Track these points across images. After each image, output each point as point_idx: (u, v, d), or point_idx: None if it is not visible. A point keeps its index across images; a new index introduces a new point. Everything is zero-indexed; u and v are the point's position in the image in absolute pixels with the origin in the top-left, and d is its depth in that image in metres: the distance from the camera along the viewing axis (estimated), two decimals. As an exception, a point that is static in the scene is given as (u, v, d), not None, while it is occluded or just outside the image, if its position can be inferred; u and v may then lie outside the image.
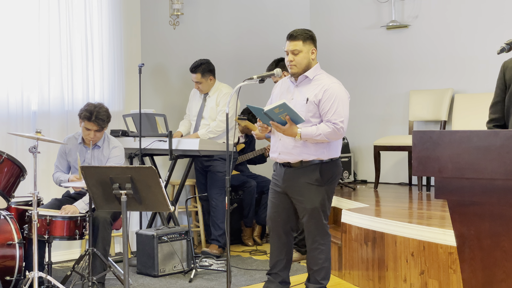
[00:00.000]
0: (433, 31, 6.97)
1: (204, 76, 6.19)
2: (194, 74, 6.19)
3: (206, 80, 6.20)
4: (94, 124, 5.02)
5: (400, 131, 7.21)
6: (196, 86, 6.26)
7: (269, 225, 4.58)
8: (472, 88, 6.65)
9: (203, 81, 6.20)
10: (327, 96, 4.25)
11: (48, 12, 5.92)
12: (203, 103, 6.28)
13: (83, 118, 5.04)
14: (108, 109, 5.14)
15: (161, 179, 3.98)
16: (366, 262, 4.89)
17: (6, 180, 4.70)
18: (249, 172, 6.97)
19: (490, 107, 3.38)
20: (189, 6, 7.01)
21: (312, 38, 4.36)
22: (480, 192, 2.34)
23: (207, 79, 6.21)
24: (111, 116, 5.17)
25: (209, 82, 6.23)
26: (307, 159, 4.30)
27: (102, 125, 5.05)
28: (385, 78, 7.42)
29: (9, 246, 4.64)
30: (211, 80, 6.23)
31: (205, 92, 6.27)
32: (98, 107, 5.07)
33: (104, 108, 5.11)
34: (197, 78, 6.19)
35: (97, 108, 5.04)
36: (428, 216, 5.19)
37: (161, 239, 5.43)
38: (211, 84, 6.25)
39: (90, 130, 5.04)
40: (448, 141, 2.35)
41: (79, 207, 4.88)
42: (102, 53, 6.29)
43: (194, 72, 6.19)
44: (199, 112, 6.29)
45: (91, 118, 5.00)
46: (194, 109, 6.37)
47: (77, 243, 6.06)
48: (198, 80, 6.19)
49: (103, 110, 5.07)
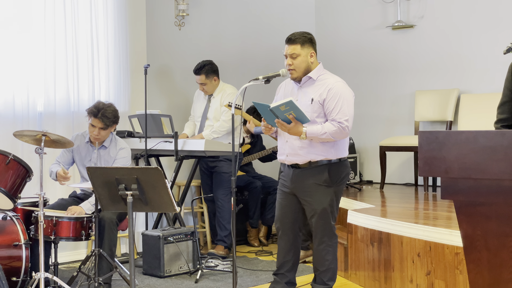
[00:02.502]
0: (439, 31, 6.96)
1: (208, 77, 6.18)
2: (198, 76, 6.18)
3: (211, 81, 6.20)
4: (99, 121, 5.04)
5: (406, 132, 7.19)
6: (201, 87, 6.25)
7: (277, 226, 4.57)
8: (478, 88, 6.63)
9: (208, 82, 6.19)
10: (332, 95, 4.24)
11: (54, 14, 5.93)
12: (208, 104, 6.28)
13: (89, 113, 5.08)
14: (117, 110, 5.15)
15: (166, 180, 3.98)
16: (372, 262, 4.88)
17: (13, 181, 4.71)
18: (254, 173, 6.96)
19: (498, 107, 3.37)
20: (195, 7, 7.01)
21: (311, 41, 4.33)
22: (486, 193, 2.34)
23: (212, 80, 6.20)
24: (119, 117, 5.18)
25: (213, 83, 6.22)
26: (315, 159, 4.29)
27: (107, 123, 5.06)
28: (391, 78, 7.41)
29: (15, 247, 4.65)
30: (215, 80, 6.23)
31: (210, 93, 6.27)
32: (107, 105, 5.11)
33: (113, 107, 5.13)
34: (202, 79, 6.18)
35: (105, 106, 5.09)
36: (434, 217, 5.18)
37: (167, 240, 5.43)
38: (216, 85, 6.25)
39: (95, 127, 5.06)
40: (454, 142, 2.34)
41: (85, 208, 4.89)
42: (108, 54, 6.30)
43: (198, 73, 6.18)
44: (203, 113, 6.28)
45: (98, 114, 5.02)
46: (198, 110, 6.37)
47: (83, 244, 6.07)
48: (203, 81, 6.19)
49: (111, 109, 5.09)
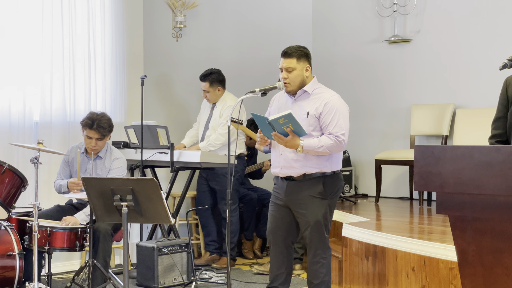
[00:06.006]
0: (435, 46, 6.98)
1: (212, 86, 6.21)
2: (203, 82, 6.22)
3: (214, 90, 6.22)
4: (95, 132, 5.02)
5: (402, 146, 7.20)
6: (204, 94, 6.28)
7: (269, 239, 4.56)
8: (473, 103, 6.65)
9: (211, 91, 6.22)
10: (328, 109, 4.25)
11: (51, 23, 5.94)
12: (210, 113, 6.30)
13: (84, 125, 5.05)
14: (110, 118, 5.15)
15: (162, 191, 3.98)
16: (366, 276, 4.87)
17: (7, 191, 4.70)
18: (250, 185, 6.96)
19: (493, 122, 3.38)
20: (192, 18, 7.03)
21: (307, 55, 4.35)
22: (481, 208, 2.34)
23: (215, 89, 6.22)
24: (113, 126, 5.18)
25: (217, 93, 6.24)
26: (310, 172, 4.29)
27: (103, 133, 5.05)
28: (387, 92, 7.43)
29: (9, 257, 4.63)
30: (219, 90, 6.25)
31: (213, 102, 6.29)
32: (100, 115, 5.09)
33: (107, 117, 5.12)
34: (205, 86, 6.21)
35: (99, 116, 5.06)
36: (429, 231, 5.18)
37: (162, 251, 5.42)
38: (219, 95, 6.27)
39: (92, 139, 5.05)
40: (450, 156, 2.34)
41: (79, 219, 4.88)
42: (105, 64, 6.31)
43: (203, 80, 6.22)
44: (206, 121, 6.31)
45: (93, 126, 5.01)
46: (203, 118, 6.40)
47: (77, 254, 6.05)
48: (206, 89, 6.22)
49: (105, 119, 5.08)
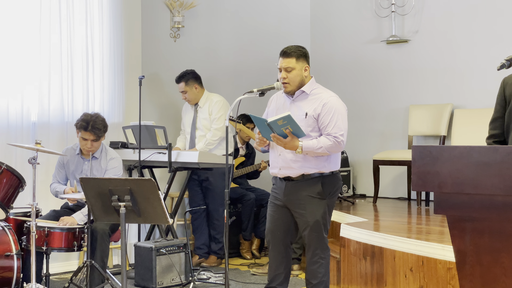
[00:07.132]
0: (433, 46, 6.99)
1: (188, 85, 6.23)
2: (179, 83, 6.28)
3: (191, 88, 6.24)
4: (90, 133, 5.02)
5: (400, 146, 7.21)
6: (183, 96, 6.31)
7: (268, 239, 4.56)
8: (471, 104, 6.66)
9: (188, 90, 6.24)
10: (327, 109, 4.25)
11: (49, 23, 5.94)
12: (195, 115, 6.32)
13: (79, 128, 5.05)
14: (104, 119, 5.15)
15: (160, 191, 3.97)
16: (364, 276, 4.87)
17: (5, 191, 4.69)
18: (247, 185, 6.96)
19: (490, 123, 3.38)
20: (190, 19, 7.03)
21: (305, 55, 4.35)
22: (479, 208, 2.34)
23: (192, 87, 6.24)
24: (107, 126, 5.19)
25: (194, 91, 6.26)
26: (308, 172, 4.29)
27: (98, 135, 5.06)
28: (385, 92, 7.43)
29: (7, 257, 4.63)
30: (196, 88, 6.26)
31: (194, 103, 6.31)
32: (94, 116, 5.08)
33: (101, 118, 5.12)
34: (182, 87, 6.26)
35: (93, 118, 5.06)
36: (427, 231, 5.18)
37: (160, 251, 5.42)
38: (198, 93, 6.28)
39: (87, 140, 5.05)
40: (448, 157, 2.34)
41: (77, 219, 4.88)
42: (103, 64, 6.31)
43: (179, 82, 6.28)
44: (192, 124, 6.32)
45: (88, 127, 5.01)
46: (187, 122, 6.40)
47: (75, 254, 6.05)
48: (183, 89, 6.25)
49: (100, 120, 5.08)
